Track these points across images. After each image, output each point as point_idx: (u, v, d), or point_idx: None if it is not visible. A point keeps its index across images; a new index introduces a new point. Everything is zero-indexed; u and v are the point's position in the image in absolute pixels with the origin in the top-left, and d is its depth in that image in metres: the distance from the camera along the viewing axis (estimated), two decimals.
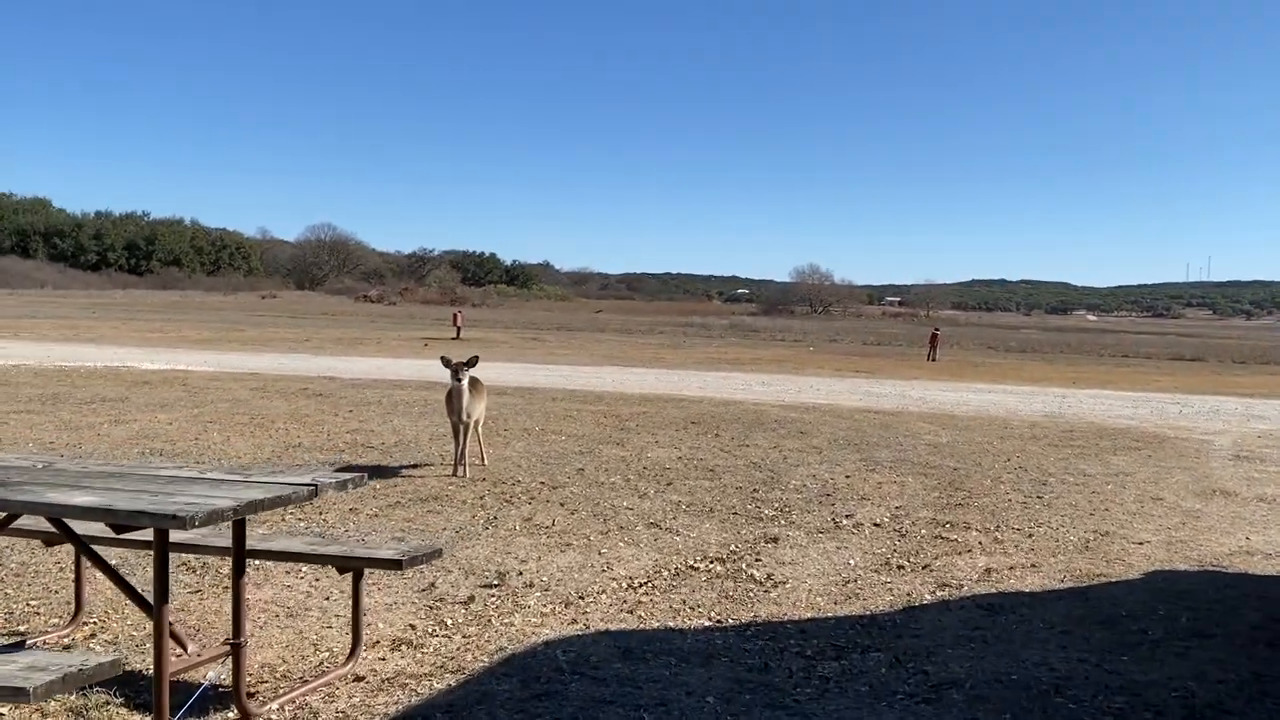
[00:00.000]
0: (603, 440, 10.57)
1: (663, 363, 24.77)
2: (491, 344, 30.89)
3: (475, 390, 8.32)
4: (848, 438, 11.60)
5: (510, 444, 10.06)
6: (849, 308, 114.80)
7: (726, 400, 15.35)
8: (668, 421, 12.39)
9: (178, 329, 33.05)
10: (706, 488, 8.18)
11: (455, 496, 7.44)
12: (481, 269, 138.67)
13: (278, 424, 10.87)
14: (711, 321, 65.93)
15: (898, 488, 8.59)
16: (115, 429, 10.02)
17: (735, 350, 34.43)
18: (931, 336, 34.67)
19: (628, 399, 14.85)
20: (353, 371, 18.30)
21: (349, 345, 27.34)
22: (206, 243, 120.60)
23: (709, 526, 6.80)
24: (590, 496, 7.61)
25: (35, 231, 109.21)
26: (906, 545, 6.53)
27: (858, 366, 27.29)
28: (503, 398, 14.24)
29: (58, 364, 17.09)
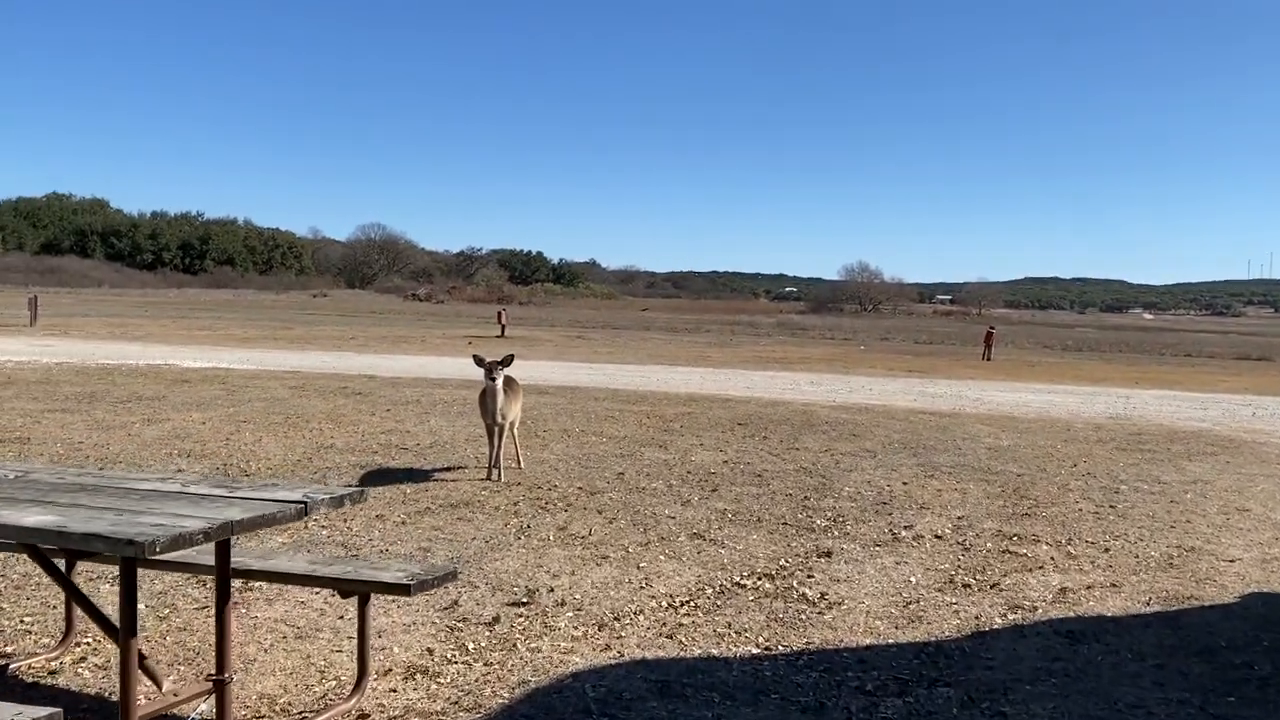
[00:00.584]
0: (645, 442, 10.14)
1: (708, 362, 24.28)
2: (535, 342, 30.64)
3: (510, 390, 7.94)
4: (903, 440, 11.05)
5: (548, 446, 9.67)
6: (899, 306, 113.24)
7: (774, 400, 14.84)
8: (713, 423, 11.92)
9: (226, 327, 33.23)
10: (754, 494, 7.71)
11: (487, 502, 7.06)
12: (528, 267, 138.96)
13: (313, 424, 10.59)
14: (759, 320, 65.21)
15: (959, 495, 8.05)
16: (147, 429, 9.80)
17: (783, 349, 33.82)
18: (986, 335, 33.77)
19: (672, 399, 14.41)
20: (394, 370, 18.07)
21: (393, 343, 27.21)
22: (259, 242, 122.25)
23: (757, 538, 6.34)
24: (630, 503, 7.19)
25: (93, 231, 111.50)
26: (971, 560, 6.02)
27: (910, 366, 26.56)
28: (543, 397, 13.87)
29: (100, 362, 17.06)
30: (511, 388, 8.01)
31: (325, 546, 5.70)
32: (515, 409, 8.09)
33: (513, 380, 8.15)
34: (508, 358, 7.78)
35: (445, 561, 5.45)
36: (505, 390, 7.79)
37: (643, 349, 29.39)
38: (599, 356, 25.09)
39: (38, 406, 11.10)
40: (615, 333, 42.40)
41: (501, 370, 7.64)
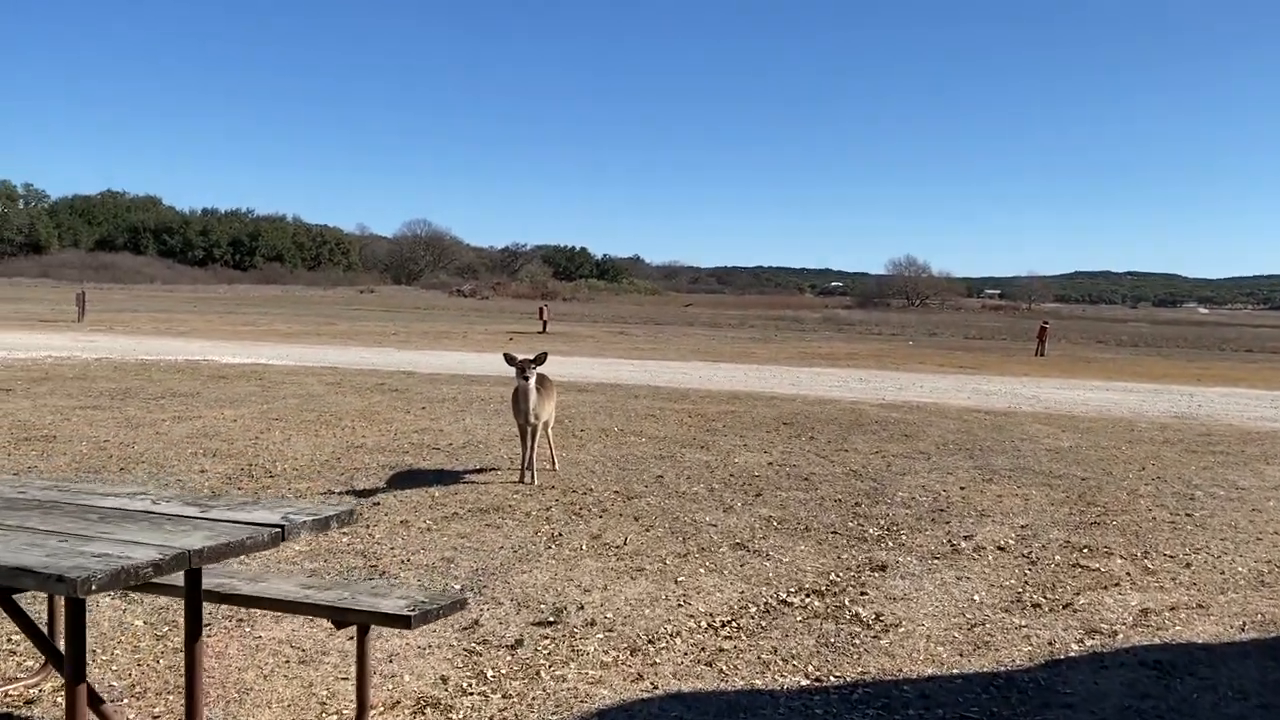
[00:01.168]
0: (686, 443, 9.72)
1: (753, 358, 23.78)
2: (577, 338, 30.33)
3: (543, 389, 7.56)
4: (958, 441, 10.51)
5: (585, 446, 9.29)
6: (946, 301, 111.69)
7: (821, 398, 14.33)
8: (757, 422, 11.47)
9: (270, 323, 33.34)
10: (801, 500, 7.26)
11: (519, 507, 6.69)
12: (572, 263, 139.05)
13: (345, 422, 10.31)
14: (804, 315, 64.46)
15: (1020, 502, 7.53)
16: (176, 426, 9.58)
17: (829, 345, 33.21)
18: (1040, 330, 32.86)
19: (714, 397, 13.96)
20: (432, 366, 17.82)
21: (434, 339, 27.04)
22: (308, 239, 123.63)
23: (805, 549, 5.90)
24: (669, 510, 6.77)
25: (146, 228, 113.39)
26: (1040, 576, 5.52)
27: (961, 362, 25.84)
28: (582, 395, 13.51)
29: (140, 358, 17.01)
30: (545, 386, 7.63)
31: (343, 556, 5.36)
32: (549, 408, 7.72)
33: (546, 379, 7.78)
34: (540, 356, 7.40)
35: (469, 574, 5.08)
36: (538, 389, 7.42)
37: (685, 345, 28.95)
38: (641, 353, 24.70)
39: (70, 403, 10.95)
40: (658, 328, 41.99)
41: (534, 369, 7.27)
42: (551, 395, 7.82)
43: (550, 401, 7.75)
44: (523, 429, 7.53)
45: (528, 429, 7.47)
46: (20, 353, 17.22)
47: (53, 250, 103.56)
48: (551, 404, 7.83)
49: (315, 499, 6.70)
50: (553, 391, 7.89)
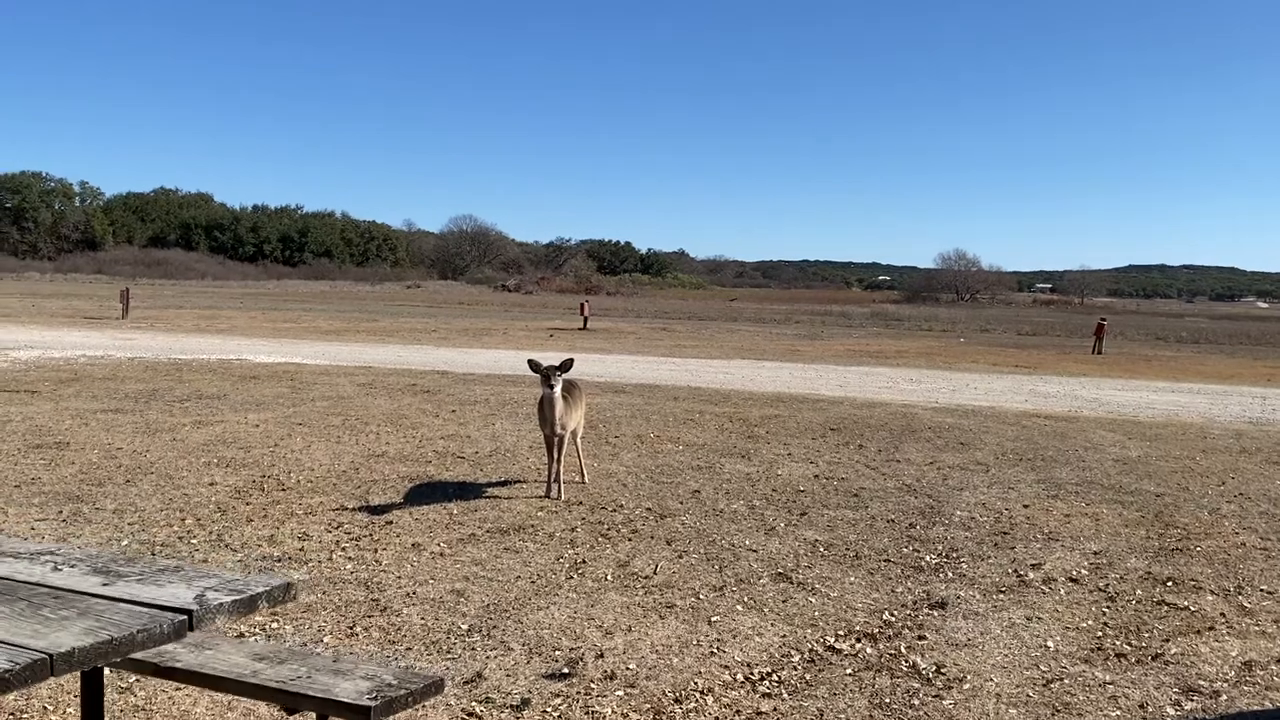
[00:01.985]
0: (726, 451, 9.16)
1: (798, 356, 23.10)
2: (618, 335, 29.84)
3: (571, 397, 7.05)
4: (1017, 450, 9.83)
5: (618, 455, 8.76)
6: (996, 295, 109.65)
7: (870, 401, 13.67)
8: (803, 428, 10.86)
9: (313, 319, 33.27)
10: (850, 520, 6.67)
11: (542, 527, 6.18)
12: (617, 258, 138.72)
13: (370, 427, 9.89)
14: (851, 310, 63.37)
15: (1091, 523, 6.87)
16: (195, 432, 9.22)
17: (878, 341, 32.34)
18: (1097, 327, 31.70)
19: (757, 399, 13.37)
20: (469, 365, 17.42)
21: (474, 336, 26.70)
22: (356, 234, 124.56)
23: (855, 580, 5.32)
24: (705, 531, 6.23)
25: (197, 225, 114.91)
26: (1120, 616, 4.90)
27: (1016, 360, 24.91)
28: (619, 397, 12.99)
29: (174, 357, 16.80)
30: (573, 394, 7.12)
31: (344, 588, 4.88)
32: (577, 417, 7.20)
33: (574, 385, 7.27)
34: (566, 362, 6.88)
35: (479, 610, 4.58)
36: (565, 397, 6.91)
37: (729, 342, 28.32)
38: (682, 350, 24.12)
39: (93, 406, 10.66)
40: (701, 324, 41.36)
41: (560, 376, 6.75)
42: (580, 403, 7.30)
43: (578, 410, 7.24)
44: (549, 440, 7.03)
45: (554, 440, 6.97)
46: (56, 351, 17.11)
47: (107, 247, 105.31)
48: (580, 412, 7.31)
49: (325, 516, 6.25)
50: (581, 399, 7.38)
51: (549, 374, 6.71)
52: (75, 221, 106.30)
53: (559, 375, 6.73)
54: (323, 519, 6.20)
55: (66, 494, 6.59)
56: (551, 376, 6.69)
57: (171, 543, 5.57)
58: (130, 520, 6.01)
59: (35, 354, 16.53)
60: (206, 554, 5.38)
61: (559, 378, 6.73)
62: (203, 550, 5.45)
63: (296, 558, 5.36)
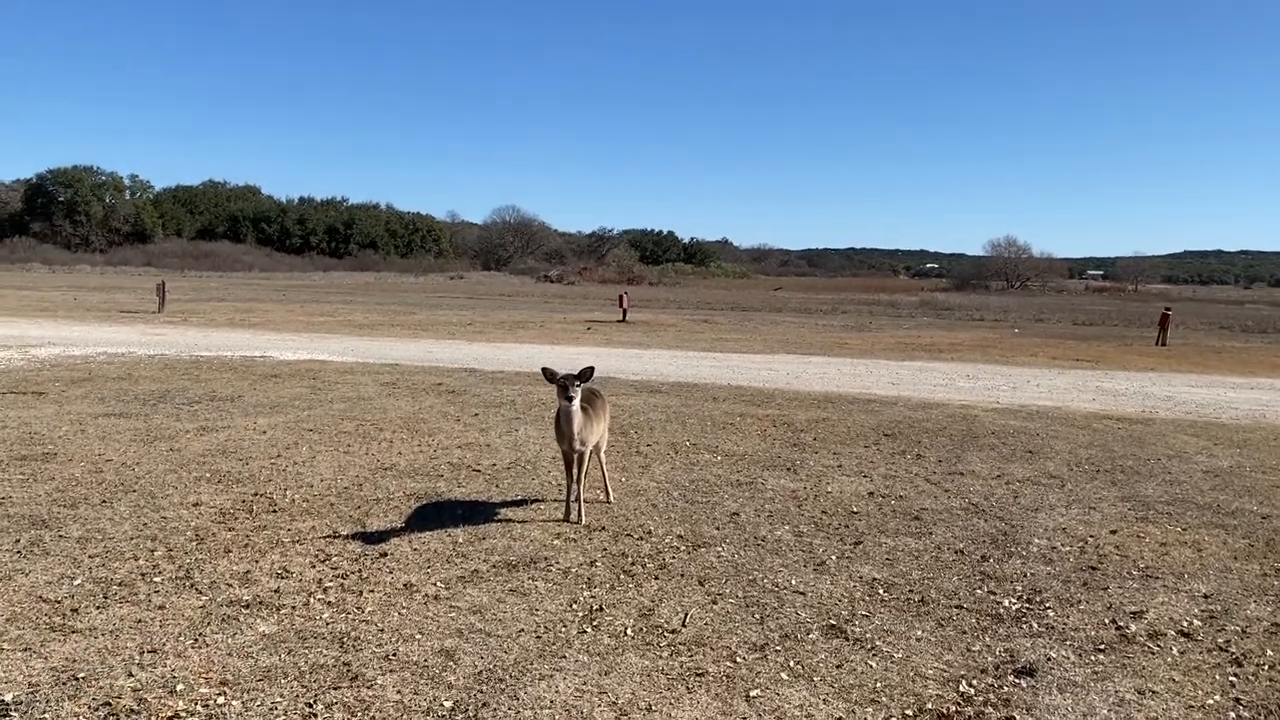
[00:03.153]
0: (769, 463, 8.31)
1: (846, 350, 22.09)
2: (657, 328, 29.00)
3: (592, 409, 6.25)
4: (1093, 460, 8.87)
5: (650, 468, 7.95)
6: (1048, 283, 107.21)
7: (926, 402, 12.72)
8: (853, 433, 9.97)
9: (349, 313, 32.84)
10: (912, 551, 5.80)
11: (556, 560, 5.39)
12: (659, 247, 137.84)
13: (384, 434, 9.19)
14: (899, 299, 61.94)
15: (1193, 554, 5.94)
16: (196, 441, 8.56)
17: (929, 333, 31.15)
18: (1161, 318, 30.25)
19: (803, 400, 12.47)
20: (500, 361, 16.70)
21: (509, 330, 26.02)
22: (400, 226, 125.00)
23: (922, 635, 4.46)
24: (745, 566, 5.40)
25: (245, 217, 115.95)
26: (1254, 687, 4.01)
27: (1076, 353, 23.67)
28: (654, 397, 12.18)
29: (196, 354, 16.27)
30: (594, 405, 6.32)
31: (316, 644, 4.13)
32: (599, 430, 6.40)
33: (596, 394, 6.48)
34: (586, 371, 6.07)
35: (468, 679, 3.81)
36: (586, 409, 6.11)
37: (773, 335, 27.34)
38: (724, 344, 23.23)
39: (96, 410, 10.08)
40: (744, 315, 40.36)
41: (578, 386, 5.95)
42: (602, 415, 6.50)
43: (601, 423, 6.44)
44: (567, 457, 6.24)
45: (573, 456, 6.18)
46: (78, 349, 16.68)
47: (157, 239, 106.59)
48: (602, 425, 6.51)
49: (312, 545, 5.52)
50: (604, 410, 6.57)
51: (566, 384, 5.91)
52: (126, 214, 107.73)
53: (578, 386, 5.93)
54: (309, 549, 5.47)
55: (32, 518, 5.93)
56: (570, 387, 5.90)
57: (131, 581, 4.87)
58: (93, 552, 5.32)
59: (56, 351, 16.10)
60: (167, 597, 4.66)
61: (578, 388, 5.93)
62: (164, 592, 4.73)
63: (269, 602, 4.63)
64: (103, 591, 4.72)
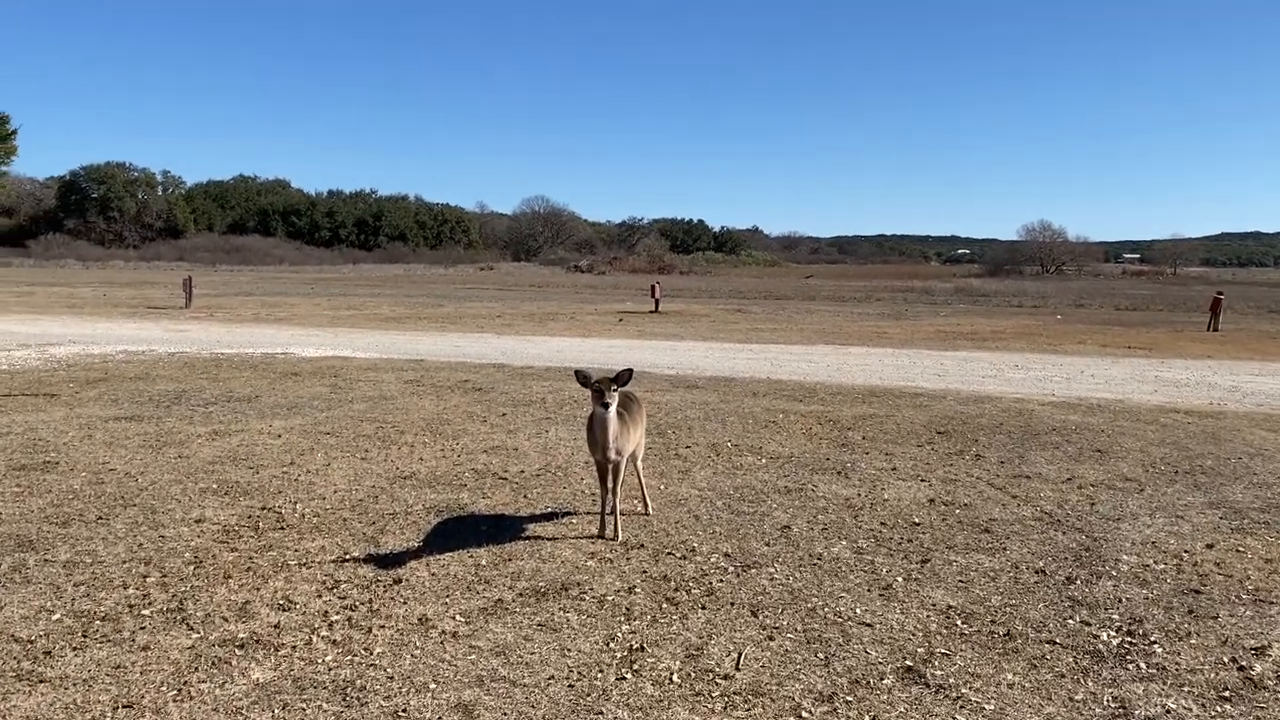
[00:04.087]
0: (818, 465, 7.69)
1: (886, 339, 21.36)
2: (691, 318, 28.37)
3: (628, 415, 5.68)
4: (1168, 460, 8.18)
5: (690, 473, 7.36)
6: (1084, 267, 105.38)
7: (977, 395, 12.02)
8: (905, 431, 9.33)
9: (377, 306, 32.48)
10: (987, 571, 5.17)
11: (590, 586, 4.82)
12: (690, 236, 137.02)
13: (406, 437, 8.66)
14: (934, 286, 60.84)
15: None
16: (207, 446, 8.08)
17: (969, 320, 30.28)
18: (1213, 302, 29.23)
19: (848, 394, 11.82)
20: (528, 356, 16.16)
21: (539, 322, 25.48)
22: (429, 218, 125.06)
23: (1014, 678, 3.85)
24: (802, 592, 4.80)
25: (275, 211, 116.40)
26: None
27: (1126, 340, 22.78)
28: (691, 393, 11.58)
29: (218, 351, 15.87)
30: (630, 410, 5.75)
31: (314, 694, 3.59)
32: (635, 437, 5.82)
33: (633, 399, 5.91)
34: (623, 374, 5.48)
35: None
36: (622, 416, 5.53)
37: (809, 324, 26.63)
38: (760, 335, 22.56)
39: (108, 413, 9.64)
40: (778, 304, 39.61)
41: (615, 391, 5.37)
42: (639, 420, 5.92)
43: (637, 429, 5.85)
44: (601, 467, 5.66)
45: (608, 467, 5.61)
46: (98, 347, 16.33)
47: (189, 234, 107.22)
48: (639, 431, 5.93)
49: (320, 569, 4.99)
50: (641, 414, 5.99)
51: (602, 389, 5.33)
52: (158, 210, 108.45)
53: (614, 391, 5.35)
54: (317, 574, 4.94)
55: (19, 538, 5.45)
56: (605, 392, 5.31)
57: (116, 615, 4.36)
58: (79, 578, 4.82)
59: (75, 350, 15.75)
60: (153, 635, 4.14)
61: (614, 393, 5.35)
62: (151, 628, 4.22)
63: (266, 641, 4.10)
64: (82, 628, 4.21)
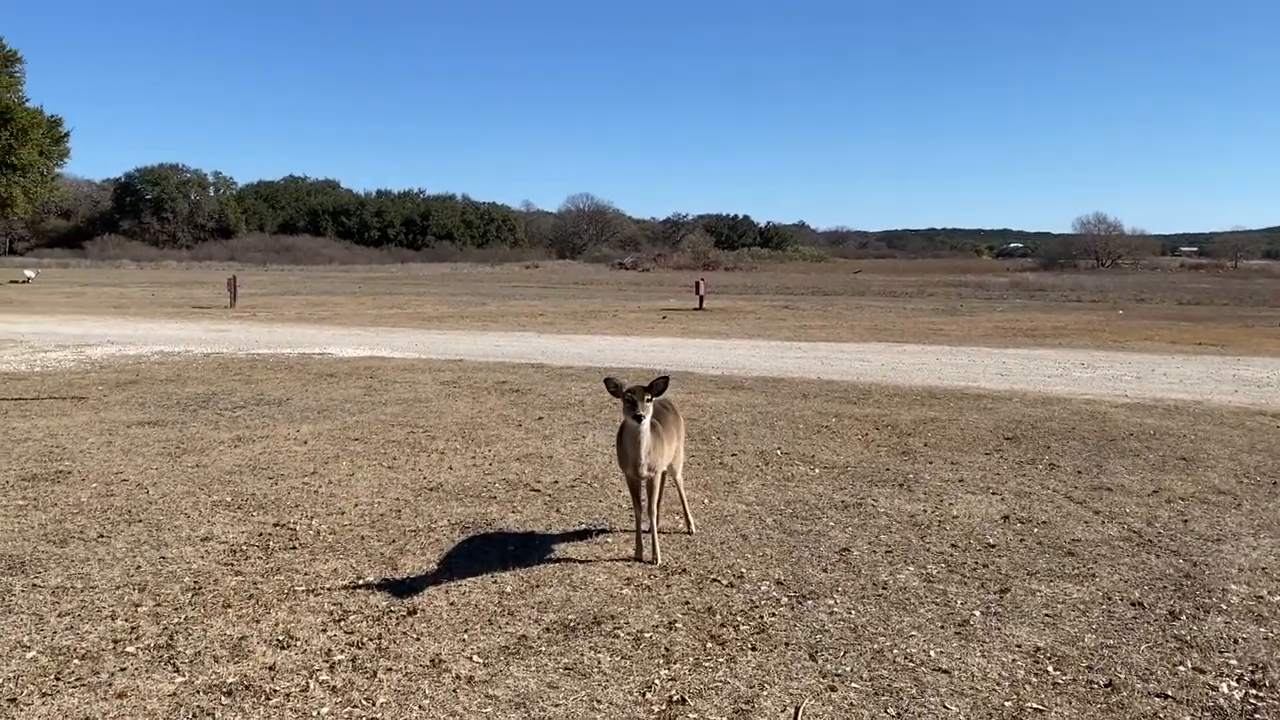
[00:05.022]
0: (877, 477, 7.08)
1: (943, 336, 20.54)
2: (736, 315, 27.72)
3: (663, 427, 5.12)
4: (1263, 469, 7.44)
5: (736, 485, 6.80)
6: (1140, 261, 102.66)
7: (1043, 396, 11.29)
8: (970, 436, 8.68)
9: (420, 305, 32.26)
10: (1076, 603, 4.55)
11: (625, 620, 4.29)
12: (735, 232, 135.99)
13: (437, 443, 8.21)
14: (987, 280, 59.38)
15: None
16: (228, 454, 7.69)
17: (1028, 316, 29.23)
18: None
19: (905, 396, 11.16)
20: (569, 355, 15.68)
21: (581, 320, 25.00)
22: (476, 216, 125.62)
23: None
24: (866, 629, 4.22)
25: (325, 211, 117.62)
26: None
27: (1196, 336, 21.71)
28: (737, 395, 11.00)
29: (254, 352, 15.58)
30: (666, 421, 5.20)
31: None
32: (671, 451, 5.25)
33: (668, 408, 5.36)
34: (658, 382, 4.93)
35: None
36: (656, 427, 4.99)
37: (859, 320, 25.83)
38: (809, 332, 21.86)
39: (133, 417, 9.31)
40: (826, 300, 38.76)
41: (649, 401, 4.82)
42: (676, 432, 5.35)
43: (674, 441, 5.29)
44: (634, 484, 5.12)
45: (641, 484, 5.07)
46: (134, 348, 16.13)
47: (240, 234, 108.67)
48: (676, 443, 5.36)
49: (330, 596, 4.51)
50: (677, 428, 5.42)
51: (633, 400, 4.79)
52: (210, 211, 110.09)
53: (648, 401, 4.80)
54: (324, 603, 4.47)
55: (11, 559, 5.05)
56: (638, 403, 4.77)
57: (98, 653, 3.91)
58: (67, 606, 4.40)
59: (112, 351, 15.56)
60: (133, 679, 3.68)
61: (648, 404, 4.80)
62: (133, 669, 3.76)
63: (257, 687, 3.62)
64: (57, 669, 3.76)
